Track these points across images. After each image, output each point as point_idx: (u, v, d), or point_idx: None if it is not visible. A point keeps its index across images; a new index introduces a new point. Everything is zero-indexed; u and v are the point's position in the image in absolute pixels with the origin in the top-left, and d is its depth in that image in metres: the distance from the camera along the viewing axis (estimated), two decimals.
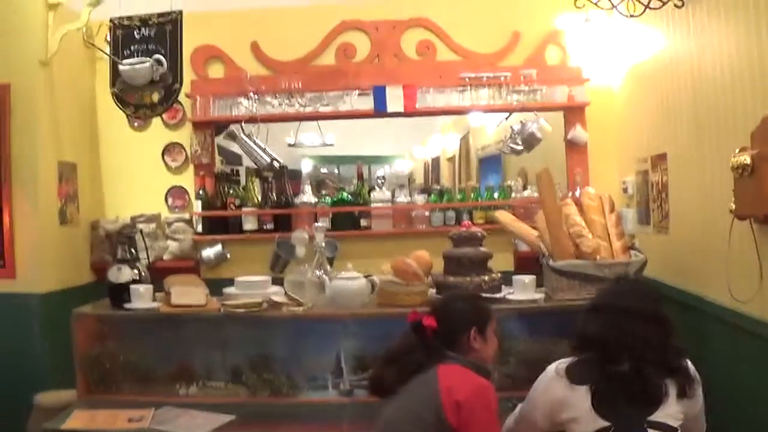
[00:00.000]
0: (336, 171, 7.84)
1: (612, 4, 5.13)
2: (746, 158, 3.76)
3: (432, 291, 5.11)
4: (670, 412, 3.42)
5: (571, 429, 3.51)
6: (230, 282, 5.45)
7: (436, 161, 11.93)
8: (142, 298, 5.12)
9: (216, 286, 5.44)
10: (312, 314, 5.02)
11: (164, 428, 4.66)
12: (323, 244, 5.32)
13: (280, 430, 4.78)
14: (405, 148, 11.97)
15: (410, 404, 3.60)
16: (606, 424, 3.41)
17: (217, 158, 7.11)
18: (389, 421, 3.64)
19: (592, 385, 3.47)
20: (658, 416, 3.41)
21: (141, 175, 7.00)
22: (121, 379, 5.19)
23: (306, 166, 8.78)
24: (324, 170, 7.44)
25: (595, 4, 5.22)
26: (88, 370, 5.18)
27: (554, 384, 3.60)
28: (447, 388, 3.54)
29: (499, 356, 4.24)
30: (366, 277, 5.06)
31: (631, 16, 5.13)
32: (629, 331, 3.49)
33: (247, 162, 6.92)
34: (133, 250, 5.39)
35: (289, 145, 8.31)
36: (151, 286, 5.20)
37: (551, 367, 3.68)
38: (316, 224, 5.78)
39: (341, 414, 4.84)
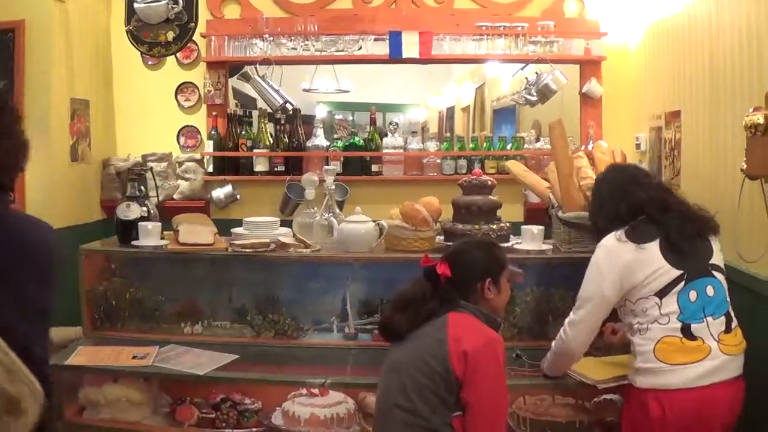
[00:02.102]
0: (351, 117, 7.79)
1: None
2: (759, 118, 3.75)
3: (440, 238, 5.12)
4: (718, 254, 3.95)
5: (643, 289, 3.83)
6: (240, 223, 5.46)
7: (450, 111, 11.87)
8: (150, 236, 5.14)
9: (225, 227, 5.46)
10: (319, 257, 5.03)
11: (168, 366, 4.70)
12: (333, 187, 5.31)
13: (283, 372, 4.79)
14: (420, 97, 11.92)
15: (418, 350, 3.62)
16: (679, 272, 3.80)
17: (232, 101, 7.09)
18: (396, 364, 3.69)
19: (660, 239, 3.85)
20: (715, 259, 3.91)
21: (153, 114, 6.97)
22: (127, 317, 5.24)
23: (320, 112, 8.75)
24: (339, 116, 7.40)
25: None
26: (94, 307, 5.23)
27: (620, 249, 3.90)
28: (455, 337, 3.56)
29: (507, 306, 4.25)
30: (374, 221, 5.06)
31: None
32: (663, 187, 4.18)
33: (262, 106, 6.90)
34: (142, 188, 5.40)
35: (304, 90, 8.28)
36: (159, 224, 5.23)
37: (608, 241, 3.97)
38: (326, 167, 5.78)
39: (345, 357, 4.90)
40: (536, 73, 6.56)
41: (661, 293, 3.78)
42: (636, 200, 3.97)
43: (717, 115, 4.70)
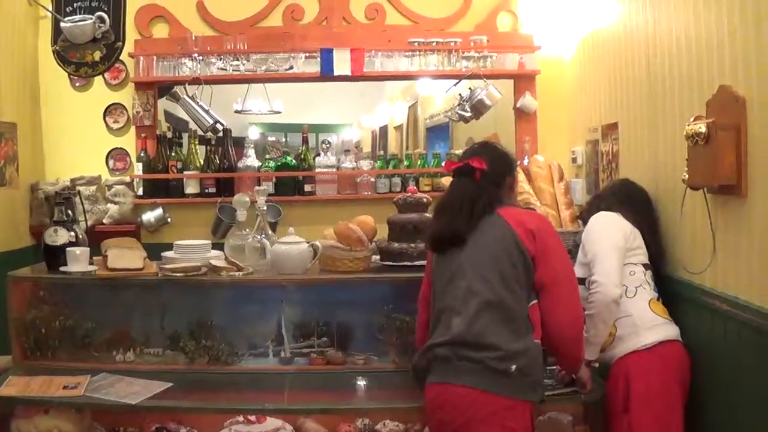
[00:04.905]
0: (284, 139, 7.73)
1: None
2: (701, 127, 3.70)
3: (376, 257, 5.05)
4: None
5: (633, 257, 4.36)
6: (171, 247, 5.33)
7: (383, 130, 11.86)
8: (78, 261, 4.99)
9: (157, 251, 5.32)
10: (252, 279, 4.93)
11: (100, 395, 4.56)
12: (264, 208, 5.22)
13: (219, 398, 4.70)
14: (353, 117, 11.91)
15: (491, 245, 3.79)
16: (647, 261, 4.40)
17: (164, 124, 6.99)
18: (475, 262, 3.78)
19: (641, 230, 4.45)
20: None
21: (82, 137, 6.84)
22: (57, 345, 5.07)
23: (253, 134, 8.67)
24: (271, 138, 7.34)
25: None
26: (24, 336, 5.05)
27: (619, 218, 4.44)
28: (516, 222, 3.80)
29: None
30: (308, 242, 4.97)
31: None
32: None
33: (193, 127, 6.81)
34: (70, 212, 5.26)
35: (236, 112, 8.19)
36: (87, 249, 5.08)
37: (605, 213, 4.50)
38: (257, 187, 5.68)
39: (282, 382, 4.78)
40: (470, 88, 6.54)
41: (645, 267, 4.38)
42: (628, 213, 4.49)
43: (656, 126, 4.68)
